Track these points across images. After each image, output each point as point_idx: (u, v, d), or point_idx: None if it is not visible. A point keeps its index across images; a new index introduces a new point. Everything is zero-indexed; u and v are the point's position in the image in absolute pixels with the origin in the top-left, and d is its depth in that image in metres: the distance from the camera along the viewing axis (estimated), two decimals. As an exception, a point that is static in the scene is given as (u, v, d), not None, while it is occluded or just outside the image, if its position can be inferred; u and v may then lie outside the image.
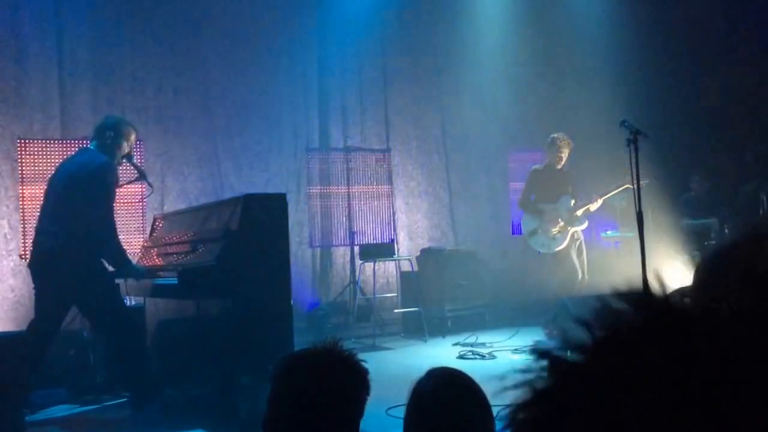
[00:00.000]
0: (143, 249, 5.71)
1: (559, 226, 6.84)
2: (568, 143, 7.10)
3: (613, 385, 0.47)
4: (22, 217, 6.35)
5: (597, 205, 7.12)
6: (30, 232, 5.80)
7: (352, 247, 8.14)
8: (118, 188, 4.72)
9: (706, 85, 8.56)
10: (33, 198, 6.18)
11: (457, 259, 8.31)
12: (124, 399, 4.84)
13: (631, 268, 8.05)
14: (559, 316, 6.21)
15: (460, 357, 6.39)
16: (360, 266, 7.98)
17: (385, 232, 8.35)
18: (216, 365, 4.45)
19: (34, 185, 6.26)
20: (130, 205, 6.27)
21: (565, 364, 0.50)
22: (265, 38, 8.20)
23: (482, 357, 6.34)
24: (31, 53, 6.84)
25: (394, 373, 5.52)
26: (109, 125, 4.60)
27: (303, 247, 8.12)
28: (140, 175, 4.86)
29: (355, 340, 7.40)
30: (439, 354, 6.68)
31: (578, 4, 9.60)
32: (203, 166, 7.78)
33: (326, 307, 7.69)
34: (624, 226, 8.20)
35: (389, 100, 8.98)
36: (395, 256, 8.13)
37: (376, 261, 7.92)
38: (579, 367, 0.49)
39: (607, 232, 8.64)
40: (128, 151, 4.63)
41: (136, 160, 5.13)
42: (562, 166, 7.14)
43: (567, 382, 0.49)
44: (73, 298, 4.39)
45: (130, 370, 4.42)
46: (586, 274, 6.99)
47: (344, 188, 8.17)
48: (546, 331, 6.38)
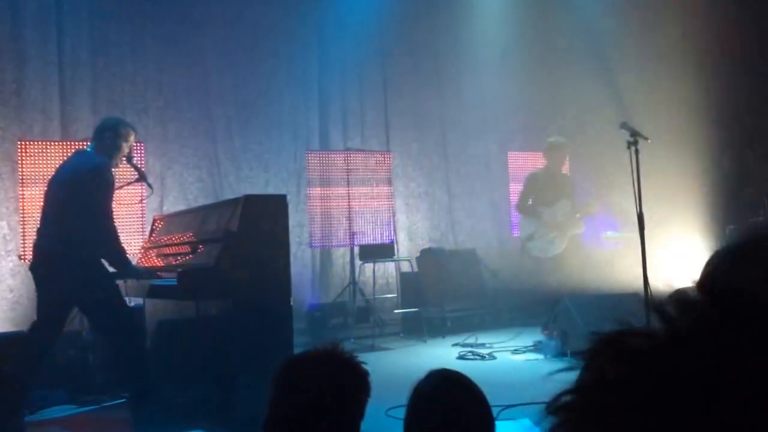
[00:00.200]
0: (143, 250, 5.71)
1: (557, 230, 6.78)
2: (567, 147, 7.07)
3: (677, 383, 0.48)
4: (21, 218, 6.35)
5: (595, 209, 7.09)
6: (29, 233, 5.81)
7: (351, 248, 8.14)
8: (118, 189, 4.72)
9: (707, 84, 8.54)
10: (33, 199, 6.19)
11: (456, 260, 8.31)
12: (124, 399, 4.84)
13: (632, 269, 8.06)
14: (559, 316, 6.20)
15: (460, 358, 6.39)
16: (360, 267, 7.98)
17: (384, 232, 8.35)
18: (215, 366, 4.45)
19: (34, 186, 6.26)
20: (129, 206, 6.26)
21: (635, 353, 0.51)
22: (266, 40, 8.20)
23: (482, 358, 6.34)
24: (31, 55, 6.84)
25: (393, 373, 5.51)
26: (107, 127, 4.60)
27: (303, 247, 8.11)
28: (140, 176, 4.86)
29: (354, 340, 7.39)
30: (439, 355, 6.68)
31: (578, 5, 9.60)
32: (203, 166, 7.77)
33: (326, 308, 7.69)
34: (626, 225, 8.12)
35: (389, 101, 8.98)
36: (395, 257, 8.14)
37: (376, 262, 7.93)
38: (649, 358, 0.50)
39: (608, 233, 8.64)
40: (128, 152, 4.63)
41: (136, 161, 5.12)
42: (561, 169, 7.10)
43: (637, 371, 0.50)
44: (74, 300, 4.39)
45: (130, 370, 4.42)
46: (585, 275, 6.93)
47: (344, 189, 8.16)
48: (546, 331, 6.37)
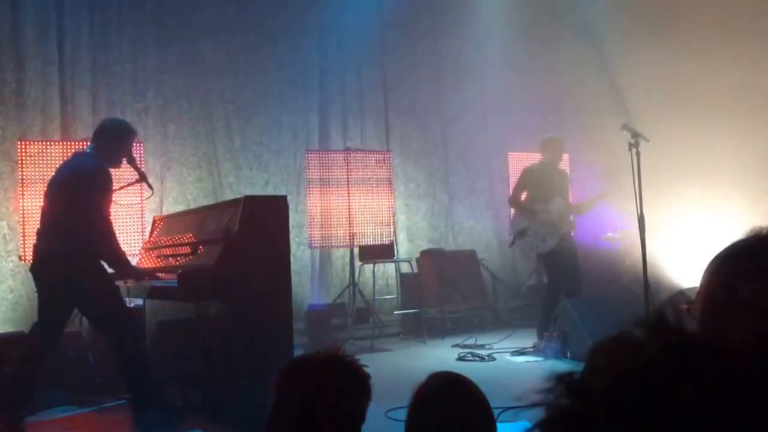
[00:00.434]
0: (143, 250, 5.71)
1: (550, 228, 6.67)
2: (563, 142, 6.99)
3: (631, 417, 0.49)
4: (21, 218, 6.35)
5: (590, 207, 7.00)
6: (29, 234, 5.81)
7: (351, 249, 8.14)
8: (119, 190, 4.72)
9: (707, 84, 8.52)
10: (33, 199, 6.19)
11: (456, 261, 8.31)
12: (124, 400, 4.84)
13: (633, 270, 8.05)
14: (560, 318, 6.19)
15: (460, 359, 6.39)
16: (359, 267, 7.99)
17: (384, 233, 8.35)
18: (215, 367, 4.45)
19: (34, 186, 6.26)
20: (129, 207, 6.26)
21: (587, 391, 0.52)
22: (266, 40, 8.20)
23: (481, 359, 6.34)
24: (31, 54, 6.84)
25: (393, 375, 5.52)
26: (107, 128, 4.60)
27: (302, 248, 8.11)
28: (140, 177, 4.85)
29: (354, 341, 7.39)
30: (439, 356, 6.68)
31: (578, 6, 9.61)
32: (203, 167, 7.77)
33: (325, 309, 7.68)
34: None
35: (389, 101, 8.98)
36: (395, 258, 8.13)
37: (376, 262, 7.93)
38: (600, 394, 0.52)
39: (608, 234, 8.64)
40: (128, 153, 4.63)
41: (136, 162, 5.12)
42: (558, 165, 7.00)
43: (590, 408, 0.51)
44: (74, 301, 4.39)
45: (130, 371, 4.41)
46: (581, 276, 6.71)
47: (344, 189, 8.16)
48: (546, 333, 6.36)
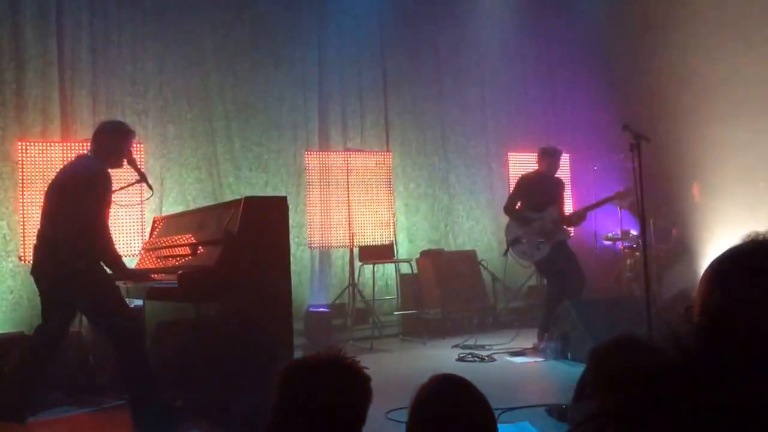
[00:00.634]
0: (143, 251, 5.70)
1: (544, 236, 6.65)
2: (559, 153, 6.99)
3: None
4: (22, 218, 6.35)
5: (583, 218, 7.00)
6: (29, 234, 5.81)
7: (351, 249, 8.14)
8: (120, 191, 4.72)
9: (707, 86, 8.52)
10: (33, 199, 6.19)
11: (456, 261, 8.30)
12: (124, 401, 4.84)
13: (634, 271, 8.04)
14: (560, 319, 6.19)
15: (460, 359, 6.39)
16: (359, 268, 7.99)
17: (384, 234, 8.35)
18: (215, 368, 4.45)
19: (34, 186, 6.27)
20: (129, 208, 6.26)
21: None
22: (265, 40, 8.20)
23: (481, 360, 6.33)
24: (31, 55, 6.83)
25: (393, 375, 5.53)
26: (106, 130, 4.60)
27: (302, 248, 8.11)
28: (140, 177, 4.85)
29: (353, 342, 7.39)
30: (439, 356, 6.67)
31: (579, 6, 9.62)
32: (202, 167, 7.77)
33: (325, 309, 7.68)
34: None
35: (389, 101, 8.97)
36: (394, 258, 8.13)
37: (375, 263, 7.93)
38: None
39: (609, 235, 8.64)
40: (128, 155, 4.63)
41: (136, 162, 5.11)
42: (554, 174, 6.97)
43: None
44: (75, 302, 4.39)
45: (131, 372, 4.41)
46: (582, 279, 6.68)
47: (344, 190, 8.17)
48: (546, 334, 6.37)
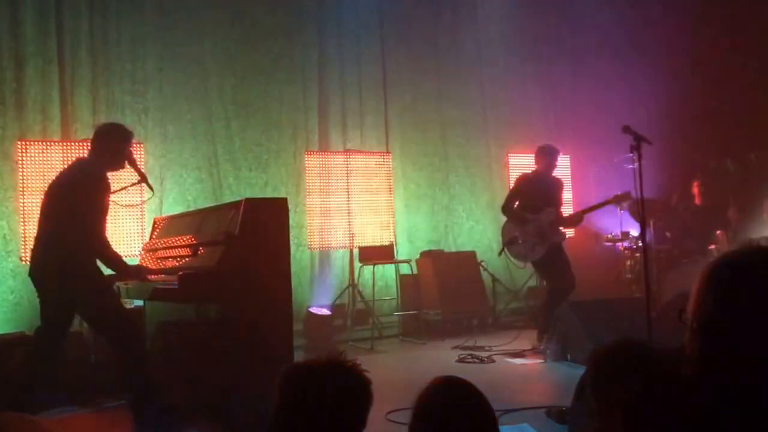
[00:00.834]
0: (143, 251, 5.70)
1: (541, 237, 6.65)
2: (557, 151, 6.98)
3: None
4: (22, 218, 6.35)
5: (580, 220, 7.00)
6: (29, 234, 5.81)
7: (351, 250, 8.14)
8: (120, 191, 4.72)
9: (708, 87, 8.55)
10: (32, 199, 6.19)
11: (456, 262, 8.30)
12: (123, 401, 4.84)
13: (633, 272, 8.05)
14: (560, 320, 6.19)
15: (460, 361, 6.38)
16: (359, 269, 7.98)
17: (384, 234, 8.35)
18: (215, 368, 4.45)
19: (34, 186, 6.26)
20: (129, 208, 6.25)
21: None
22: (265, 40, 8.19)
23: (481, 361, 6.33)
24: (30, 54, 6.83)
25: (393, 377, 5.53)
26: (105, 131, 4.59)
27: (302, 249, 8.10)
28: (141, 178, 4.85)
29: (353, 343, 7.40)
30: (438, 357, 6.67)
31: (579, 6, 9.62)
32: (202, 167, 7.75)
33: (325, 310, 7.68)
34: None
35: (389, 102, 8.97)
36: (394, 259, 8.13)
37: (375, 264, 7.92)
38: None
39: (609, 236, 8.64)
40: (128, 156, 4.62)
41: (137, 163, 5.11)
42: (551, 174, 6.97)
43: None
44: (74, 304, 4.39)
45: (130, 372, 4.41)
46: (570, 281, 6.64)
47: (343, 190, 8.17)
48: (545, 335, 6.37)
